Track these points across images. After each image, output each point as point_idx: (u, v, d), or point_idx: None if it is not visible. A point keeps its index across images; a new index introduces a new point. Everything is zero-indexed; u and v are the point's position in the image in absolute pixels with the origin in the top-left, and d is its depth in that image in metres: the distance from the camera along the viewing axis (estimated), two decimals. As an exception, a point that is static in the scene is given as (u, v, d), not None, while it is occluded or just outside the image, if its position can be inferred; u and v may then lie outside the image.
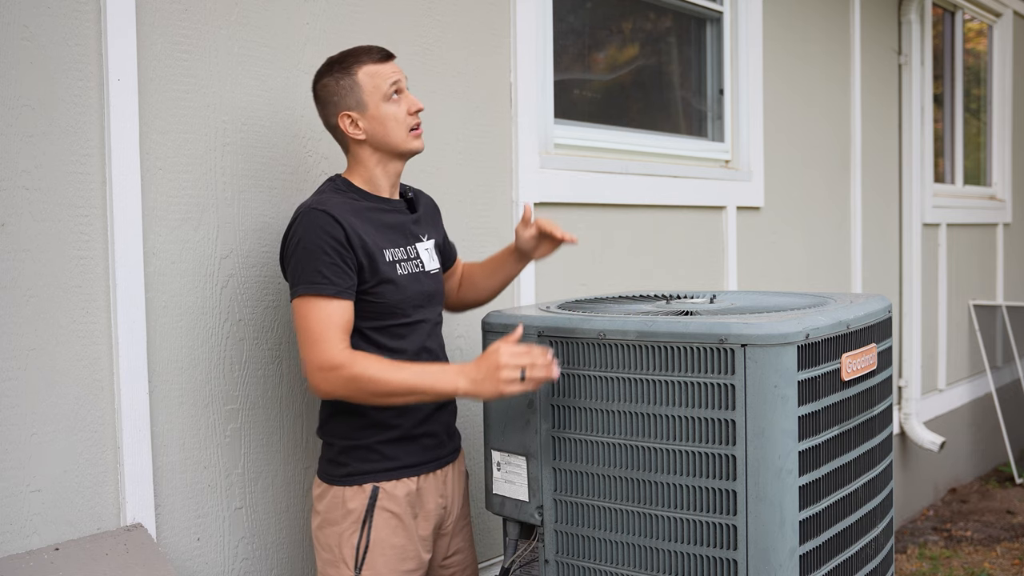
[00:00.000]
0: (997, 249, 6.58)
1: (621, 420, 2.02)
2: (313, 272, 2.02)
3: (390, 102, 2.14)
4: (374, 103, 2.13)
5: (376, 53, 2.16)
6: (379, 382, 1.99)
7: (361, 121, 2.14)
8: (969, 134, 6.49)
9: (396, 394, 2.01)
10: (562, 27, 3.40)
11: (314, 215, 2.06)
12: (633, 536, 2.02)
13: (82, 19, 2.03)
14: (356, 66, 2.14)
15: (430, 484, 2.21)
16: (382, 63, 2.16)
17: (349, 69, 2.14)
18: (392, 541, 2.12)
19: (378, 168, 2.19)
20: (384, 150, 2.17)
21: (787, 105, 4.39)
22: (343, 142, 2.21)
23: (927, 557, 4.79)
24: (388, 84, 2.14)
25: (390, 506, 2.12)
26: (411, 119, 2.17)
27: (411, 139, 2.18)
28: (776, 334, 1.86)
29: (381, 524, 2.11)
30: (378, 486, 2.12)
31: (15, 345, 1.93)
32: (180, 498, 2.20)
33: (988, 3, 6.38)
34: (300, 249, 2.04)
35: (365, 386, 1.99)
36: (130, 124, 2.09)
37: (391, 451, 2.14)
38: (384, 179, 2.20)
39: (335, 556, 2.12)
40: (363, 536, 2.10)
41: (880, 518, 2.24)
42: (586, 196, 3.31)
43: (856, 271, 4.93)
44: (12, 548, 1.92)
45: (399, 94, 2.16)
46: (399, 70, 2.18)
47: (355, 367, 1.98)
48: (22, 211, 1.94)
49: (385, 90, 2.14)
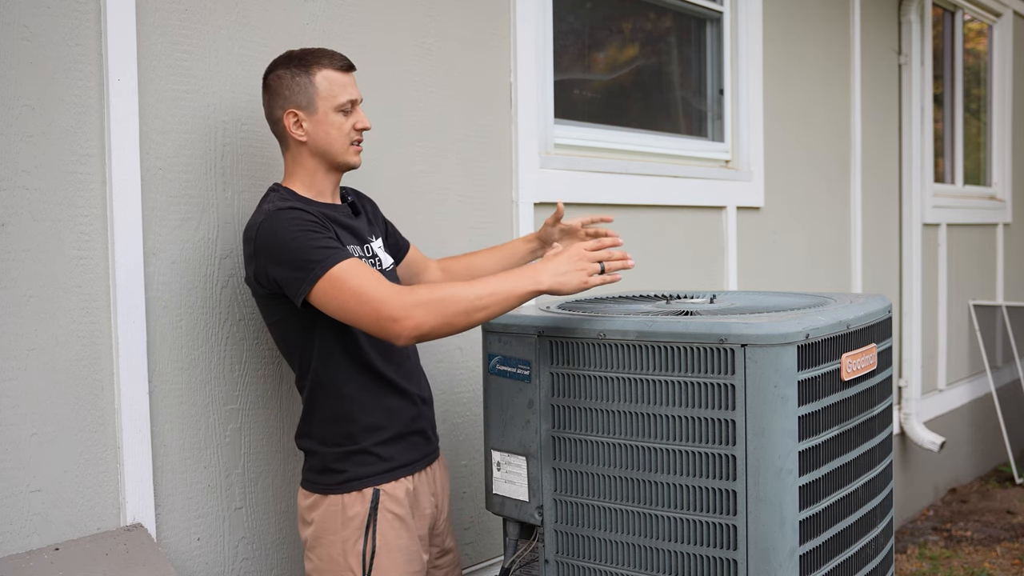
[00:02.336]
0: (997, 249, 6.58)
1: (621, 420, 2.02)
2: (317, 251, 1.95)
3: (339, 112, 2.10)
4: (324, 109, 2.09)
5: (339, 61, 2.12)
6: (463, 297, 1.91)
7: (306, 123, 2.09)
8: (969, 134, 6.49)
9: (483, 306, 1.92)
10: (562, 27, 3.40)
11: (284, 213, 2.00)
12: (633, 536, 2.02)
13: (82, 19, 2.03)
14: (316, 67, 2.09)
15: (423, 484, 2.21)
16: (342, 72, 2.11)
17: (308, 68, 2.09)
18: (398, 543, 2.11)
19: (317, 175, 2.13)
20: (322, 157, 2.12)
21: (787, 105, 4.39)
22: (283, 139, 2.15)
23: (927, 557, 4.79)
24: (344, 95, 2.10)
25: (392, 508, 2.11)
26: (355, 134, 2.13)
27: (351, 152, 2.13)
28: (776, 334, 1.86)
29: (386, 527, 2.10)
30: (379, 489, 2.10)
31: (15, 345, 1.93)
32: (180, 498, 2.20)
33: (988, 3, 6.38)
34: (289, 244, 1.96)
35: (451, 305, 1.91)
36: (130, 124, 2.09)
37: (387, 452, 2.12)
38: (325, 183, 2.15)
39: (339, 566, 2.08)
40: (368, 541, 2.07)
41: (880, 518, 2.24)
42: (586, 196, 3.31)
43: (856, 271, 4.93)
44: (12, 548, 1.92)
45: (352, 107, 2.12)
46: (356, 87, 2.14)
47: (433, 291, 1.92)
48: (22, 211, 1.94)
49: (340, 100, 2.09)
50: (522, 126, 3.05)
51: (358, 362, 2.09)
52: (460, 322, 1.93)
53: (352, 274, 1.93)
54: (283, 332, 2.12)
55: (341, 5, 2.53)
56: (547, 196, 3.15)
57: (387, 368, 2.13)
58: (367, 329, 1.95)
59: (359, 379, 2.10)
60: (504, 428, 2.20)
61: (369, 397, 2.11)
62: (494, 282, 1.95)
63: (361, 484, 2.09)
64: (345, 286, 1.92)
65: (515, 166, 3.05)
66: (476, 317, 1.94)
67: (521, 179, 3.06)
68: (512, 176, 3.05)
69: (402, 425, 2.15)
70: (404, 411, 2.16)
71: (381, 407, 2.12)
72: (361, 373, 2.10)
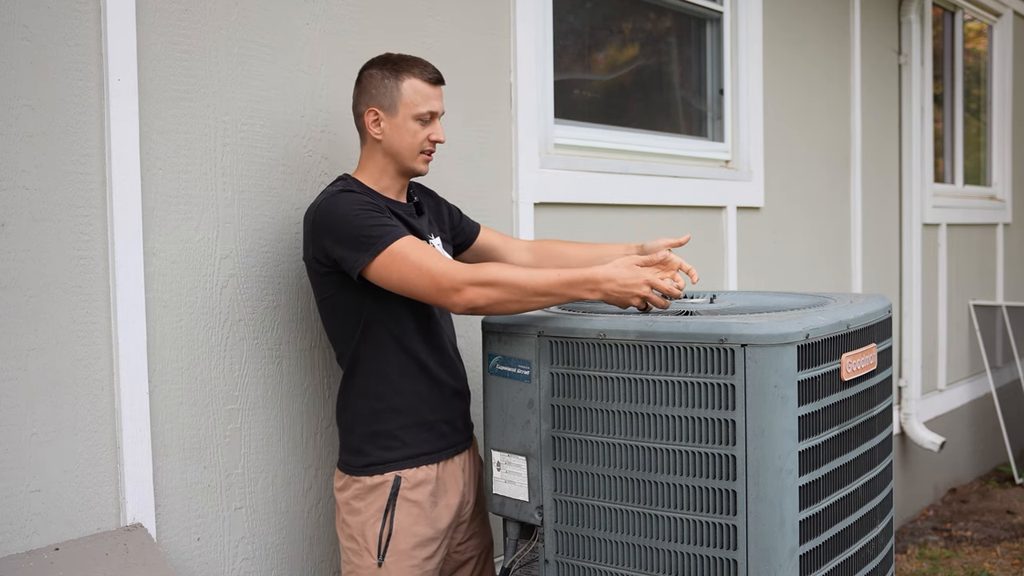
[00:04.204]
0: (997, 249, 6.58)
1: (621, 420, 2.02)
2: (376, 228, 2.06)
3: (417, 121, 2.21)
4: (404, 114, 2.20)
5: (429, 72, 2.22)
6: (519, 287, 2.03)
7: (384, 123, 2.21)
8: (969, 134, 6.49)
9: (537, 299, 2.04)
10: (562, 27, 3.40)
11: (344, 196, 2.12)
12: (633, 536, 2.02)
13: (82, 19, 2.03)
14: (405, 74, 2.20)
15: (449, 473, 2.26)
16: (431, 86, 2.22)
17: (398, 73, 2.20)
18: (413, 529, 2.18)
19: (386, 173, 2.24)
20: (392, 158, 2.23)
21: (787, 105, 4.39)
22: (361, 133, 2.27)
23: (927, 557, 4.79)
24: (425, 106, 2.21)
25: (411, 495, 2.18)
26: (427, 144, 2.24)
27: (420, 160, 2.25)
28: (776, 334, 1.86)
29: (403, 514, 2.17)
30: (400, 476, 2.17)
31: (15, 345, 1.93)
32: (180, 498, 2.20)
33: (988, 3, 6.38)
34: (349, 222, 2.07)
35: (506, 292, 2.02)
36: (130, 124, 2.09)
37: (410, 437, 2.19)
38: (392, 183, 2.26)
39: (359, 545, 2.19)
40: (386, 524, 2.16)
41: (880, 518, 2.24)
42: (586, 196, 3.31)
43: (856, 271, 4.93)
44: (12, 548, 1.92)
45: (431, 119, 2.22)
46: (441, 101, 2.24)
47: (494, 274, 2.03)
48: (22, 211, 1.94)
49: (420, 110, 2.20)
50: (522, 126, 3.05)
51: (398, 344, 2.18)
52: (514, 308, 2.06)
53: (412, 248, 2.06)
54: (332, 307, 2.21)
55: (341, 5, 2.53)
56: (547, 196, 3.15)
57: (426, 354, 2.22)
58: (426, 297, 2.07)
59: (396, 359, 2.19)
60: (504, 428, 2.20)
61: (402, 380, 2.19)
62: (553, 278, 2.04)
63: (383, 468, 2.18)
64: (407, 260, 2.04)
65: (515, 166, 3.05)
66: (531, 305, 2.06)
67: (521, 179, 3.06)
68: (512, 176, 3.05)
69: (429, 412, 2.22)
70: (433, 399, 2.23)
71: (412, 391, 2.20)
72: (399, 354, 2.19)
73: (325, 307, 2.23)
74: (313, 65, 2.46)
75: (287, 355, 2.41)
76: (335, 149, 2.50)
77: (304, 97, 2.43)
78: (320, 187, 2.46)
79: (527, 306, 2.06)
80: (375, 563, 2.16)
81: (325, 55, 2.48)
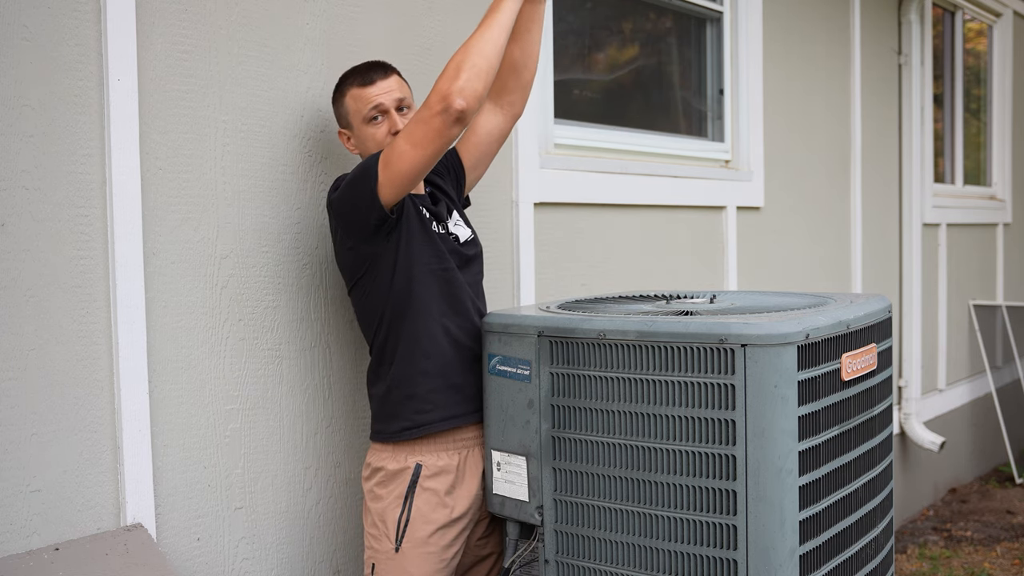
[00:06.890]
0: (997, 249, 6.58)
1: (621, 420, 2.02)
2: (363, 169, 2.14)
3: (371, 124, 2.28)
4: (357, 124, 2.30)
5: (359, 76, 2.29)
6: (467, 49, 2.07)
7: (352, 139, 2.34)
8: (969, 134, 6.49)
9: (492, 37, 2.09)
10: (562, 27, 3.40)
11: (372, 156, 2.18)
12: (633, 536, 2.02)
13: (82, 19, 2.03)
14: (346, 88, 2.30)
15: (469, 463, 2.28)
16: (366, 87, 2.27)
17: (342, 91, 2.31)
18: (432, 516, 2.21)
19: None
20: None
21: (787, 105, 4.39)
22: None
23: (927, 557, 4.79)
24: (368, 108, 2.26)
25: (430, 484, 2.22)
26: (390, 138, 2.26)
27: None
28: (776, 334, 1.86)
29: (421, 502, 2.21)
30: (420, 464, 2.21)
31: (15, 345, 1.93)
32: (180, 498, 2.20)
33: (988, 3, 6.38)
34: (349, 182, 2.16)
35: (475, 58, 2.06)
36: (130, 124, 2.09)
37: (441, 399, 2.23)
38: None
39: (379, 531, 2.24)
40: (404, 511, 2.21)
41: (880, 518, 2.24)
42: (586, 196, 3.31)
43: (856, 271, 4.93)
44: (12, 548, 1.92)
45: (383, 115, 2.27)
46: (385, 89, 2.26)
47: (445, 73, 2.06)
48: (22, 211, 1.94)
49: (365, 113, 2.27)
50: (522, 126, 3.05)
51: (425, 310, 2.23)
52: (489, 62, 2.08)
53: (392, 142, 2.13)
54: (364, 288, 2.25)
55: (341, 5, 2.53)
56: (547, 196, 3.15)
57: (451, 321, 2.26)
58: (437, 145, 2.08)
59: (424, 324, 2.23)
60: (504, 428, 2.20)
61: (431, 344, 2.24)
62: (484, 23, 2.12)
63: (417, 432, 2.21)
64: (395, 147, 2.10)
65: (515, 166, 3.05)
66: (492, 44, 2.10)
67: (521, 179, 3.05)
68: (512, 176, 3.05)
69: (457, 375, 2.26)
70: (460, 363, 2.27)
71: (439, 354, 2.24)
72: (427, 321, 2.23)
73: (357, 291, 2.28)
74: (313, 65, 2.46)
75: (287, 355, 2.41)
76: (335, 149, 2.50)
77: (304, 97, 2.43)
78: (320, 187, 2.46)
79: (492, 47, 2.09)
80: (392, 548, 2.20)
81: (325, 55, 2.49)
